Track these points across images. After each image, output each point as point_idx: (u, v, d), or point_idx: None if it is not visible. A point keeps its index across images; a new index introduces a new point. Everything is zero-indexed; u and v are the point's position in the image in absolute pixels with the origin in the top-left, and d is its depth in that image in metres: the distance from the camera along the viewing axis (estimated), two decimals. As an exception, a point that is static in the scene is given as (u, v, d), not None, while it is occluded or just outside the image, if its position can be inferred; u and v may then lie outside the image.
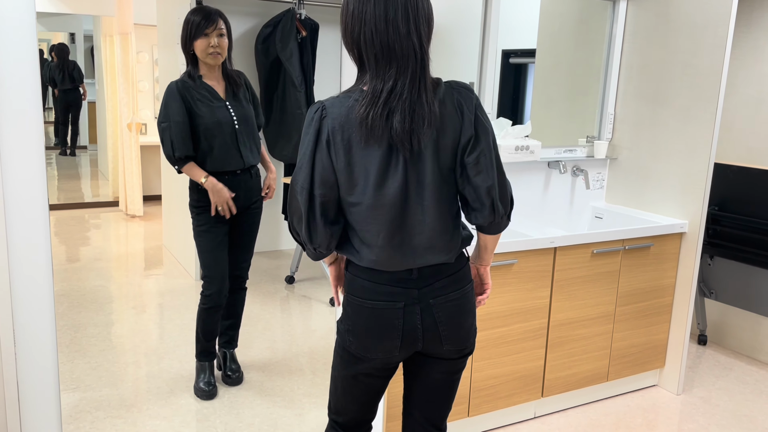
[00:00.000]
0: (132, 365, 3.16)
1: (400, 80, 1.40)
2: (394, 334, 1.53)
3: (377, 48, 1.40)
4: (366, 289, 1.54)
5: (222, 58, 2.68)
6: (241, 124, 2.73)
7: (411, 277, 1.53)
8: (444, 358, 1.63)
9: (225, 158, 2.70)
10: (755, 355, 3.52)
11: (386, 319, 1.53)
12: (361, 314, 1.54)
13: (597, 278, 2.79)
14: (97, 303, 3.97)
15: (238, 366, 3.04)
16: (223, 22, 2.65)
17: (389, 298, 1.53)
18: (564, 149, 3.16)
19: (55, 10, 6.21)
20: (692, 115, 2.94)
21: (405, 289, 1.53)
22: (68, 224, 5.98)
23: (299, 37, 4.55)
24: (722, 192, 3.42)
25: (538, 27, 3.01)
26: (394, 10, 1.39)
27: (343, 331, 1.60)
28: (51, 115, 9.10)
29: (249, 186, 2.81)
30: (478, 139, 1.48)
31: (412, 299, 1.53)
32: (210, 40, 2.62)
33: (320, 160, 1.45)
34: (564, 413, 2.88)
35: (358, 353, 1.58)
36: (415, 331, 1.54)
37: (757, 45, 3.45)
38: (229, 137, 2.69)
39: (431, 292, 1.54)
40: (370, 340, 1.55)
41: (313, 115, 1.45)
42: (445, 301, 1.56)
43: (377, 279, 1.53)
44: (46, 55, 8.77)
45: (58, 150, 9.17)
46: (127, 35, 5.88)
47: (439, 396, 1.69)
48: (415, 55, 1.41)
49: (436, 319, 1.55)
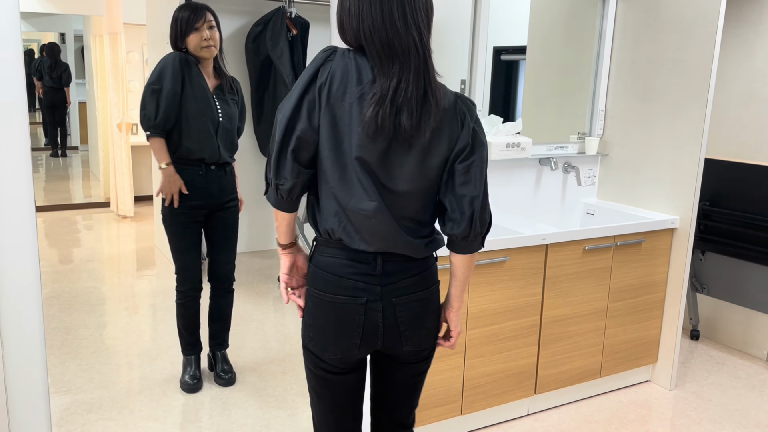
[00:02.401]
0: (124, 367, 3.14)
1: (404, 77, 1.38)
2: (354, 331, 1.50)
3: (377, 45, 1.38)
4: (328, 282, 1.50)
5: (216, 51, 2.67)
6: (225, 119, 2.73)
7: (375, 272, 1.49)
8: (404, 360, 1.61)
9: (202, 146, 2.67)
10: (747, 349, 3.54)
11: (347, 316, 1.50)
12: (322, 308, 1.51)
13: (589, 275, 2.79)
14: (89, 304, 3.95)
15: (230, 367, 3.02)
16: (211, 15, 2.64)
17: (351, 293, 1.49)
18: (555, 146, 3.16)
19: (44, 10, 6.17)
20: (682, 110, 2.94)
21: (368, 285, 1.49)
22: (59, 225, 5.95)
23: (290, 36, 4.54)
24: (713, 187, 3.43)
25: (528, 24, 3.01)
26: (390, 6, 1.37)
27: (303, 327, 1.57)
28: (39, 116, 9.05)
29: (223, 183, 2.79)
30: (473, 149, 1.48)
31: (375, 296, 1.50)
32: (202, 34, 2.60)
33: (309, 97, 1.41)
34: (557, 410, 2.88)
35: (316, 351, 1.55)
36: (376, 330, 1.51)
37: (746, 40, 3.46)
38: (211, 127, 2.68)
39: (395, 290, 1.51)
40: (329, 336, 1.52)
41: (321, 53, 1.43)
42: (409, 301, 1.53)
43: (340, 271, 1.49)
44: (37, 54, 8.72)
45: (48, 151, 9.12)
46: (117, 35, 5.84)
47: (402, 397, 1.68)
48: (417, 50, 1.39)
49: (398, 318, 1.52)
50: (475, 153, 1.48)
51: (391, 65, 1.38)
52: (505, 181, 3.05)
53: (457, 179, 1.48)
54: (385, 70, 1.38)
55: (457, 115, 1.46)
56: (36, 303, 2.08)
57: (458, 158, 1.47)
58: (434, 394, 2.49)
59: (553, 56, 3.12)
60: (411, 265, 1.52)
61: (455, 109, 1.46)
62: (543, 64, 3.09)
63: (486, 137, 1.52)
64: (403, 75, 1.38)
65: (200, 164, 2.71)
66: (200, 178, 2.72)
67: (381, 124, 1.37)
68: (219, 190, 2.78)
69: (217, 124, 2.70)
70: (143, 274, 4.58)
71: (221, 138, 2.73)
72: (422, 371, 1.66)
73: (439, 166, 1.47)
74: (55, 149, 8.94)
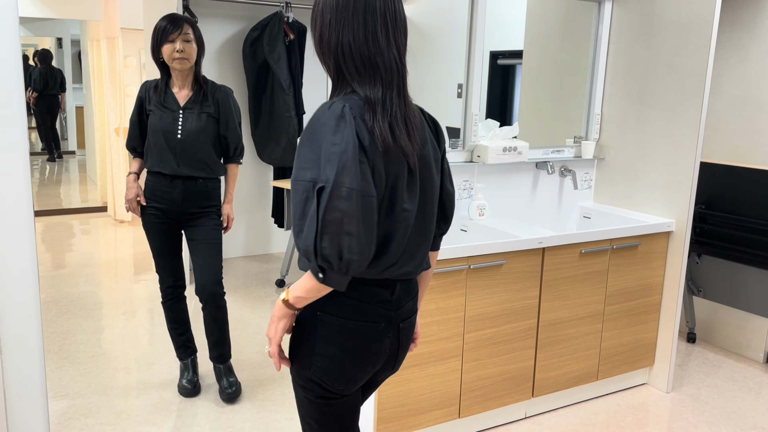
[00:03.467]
0: (122, 371, 3.14)
1: (388, 95, 1.33)
2: (369, 359, 1.44)
3: (357, 62, 1.32)
4: (349, 308, 1.40)
5: (189, 64, 2.67)
6: (185, 135, 2.71)
7: (391, 298, 1.44)
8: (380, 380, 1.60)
9: (161, 161, 2.75)
10: (743, 352, 3.55)
11: (366, 342, 1.42)
12: (339, 335, 1.40)
13: (585, 278, 2.80)
14: (86, 309, 3.95)
15: (235, 379, 2.92)
16: (190, 28, 2.66)
17: (373, 320, 1.42)
18: (552, 150, 3.18)
19: (41, 15, 6.17)
20: (678, 114, 2.96)
21: (386, 310, 1.44)
22: (56, 230, 5.94)
23: (287, 41, 4.55)
24: (709, 191, 3.45)
25: (524, 28, 3.03)
26: (373, 22, 1.31)
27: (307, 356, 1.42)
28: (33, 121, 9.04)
29: (192, 191, 2.77)
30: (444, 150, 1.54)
31: (389, 321, 1.45)
32: (175, 45, 2.63)
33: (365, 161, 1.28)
34: (555, 413, 2.89)
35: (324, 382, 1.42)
36: (382, 355, 1.46)
37: (741, 45, 3.48)
38: (168, 144, 2.71)
39: (401, 315, 1.48)
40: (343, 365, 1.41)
41: (341, 112, 1.27)
42: (408, 325, 1.51)
43: (362, 297, 1.40)
44: (31, 60, 8.72)
45: (45, 156, 9.11)
46: (114, 39, 5.85)
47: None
48: (397, 69, 1.35)
49: (400, 343, 1.49)
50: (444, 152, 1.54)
51: (372, 81, 1.32)
52: (502, 185, 3.06)
53: (445, 178, 1.53)
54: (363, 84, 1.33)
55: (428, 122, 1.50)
56: (35, 308, 2.08)
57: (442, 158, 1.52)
58: (432, 397, 2.49)
59: (550, 60, 3.13)
60: (411, 288, 1.51)
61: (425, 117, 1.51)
62: (539, 68, 3.11)
63: None
64: (387, 92, 1.33)
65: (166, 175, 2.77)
66: (165, 183, 2.76)
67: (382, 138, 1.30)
68: (184, 199, 2.76)
69: (174, 140, 2.71)
70: (140, 278, 4.58)
71: (181, 154, 2.72)
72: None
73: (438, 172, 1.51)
74: (51, 154, 8.93)
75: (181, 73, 2.71)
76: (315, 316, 1.41)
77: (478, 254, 2.46)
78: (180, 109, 2.72)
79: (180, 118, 2.72)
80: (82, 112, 8.19)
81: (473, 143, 2.90)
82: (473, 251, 2.44)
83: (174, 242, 2.87)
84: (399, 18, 1.36)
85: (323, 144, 1.25)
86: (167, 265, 2.88)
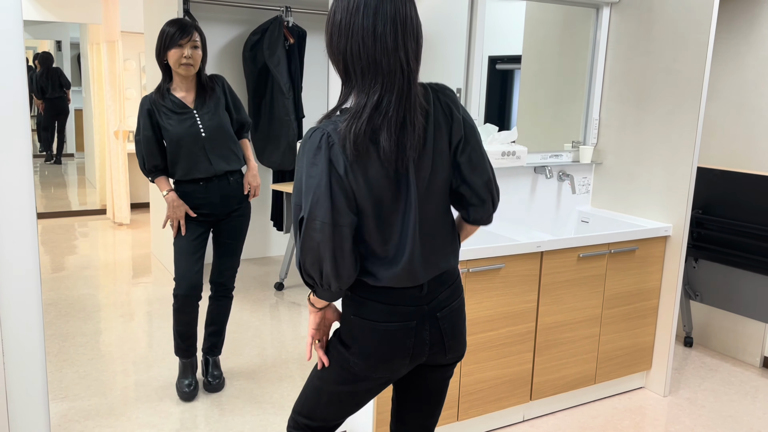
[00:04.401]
0: (121, 374, 3.15)
1: (386, 96, 1.36)
2: (404, 353, 1.50)
3: (363, 62, 1.36)
4: (379, 311, 1.48)
5: (194, 70, 2.71)
6: (209, 133, 2.75)
7: (421, 294, 1.50)
8: (442, 366, 1.63)
9: (193, 167, 2.74)
10: (740, 356, 3.57)
11: (398, 340, 1.49)
12: (372, 337, 1.49)
13: (583, 282, 2.81)
14: (86, 311, 3.95)
15: (220, 372, 3.03)
16: (198, 35, 2.70)
17: (403, 319, 1.49)
18: (550, 154, 3.20)
19: (41, 18, 6.19)
20: (675, 119, 2.98)
21: (417, 307, 1.50)
22: (55, 233, 5.95)
23: (287, 45, 4.57)
24: (706, 195, 3.47)
25: (523, 34, 3.05)
26: (383, 24, 1.35)
27: (345, 353, 1.54)
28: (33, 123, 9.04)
29: (226, 192, 2.83)
30: (467, 139, 1.50)
31: (423, 316, 1.51)
32: (183, 51, 2.65)
33: (339, 190, 1.36)
34: (552, 416, 2.90)
35: (363, 373, 1.53)
36: (423, 347, 1.52)
37: (738, 51, 3.50)
38: (195, 146, 2.73)
39: (438, 304, 1.53)
40: (379, 362, 1.51)
41: (319, 142, 1.36)
42: (449, 312, 1.55)
43: (390, 299, 1.48)
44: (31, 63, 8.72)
45: (43, 158, 9.11)
46: (114, 43, 5.86)
47: (432, 402, 1.70)
48: (402, 71, 1.37)
49: (442, 331, 1.54)
50: (470, 141, 1.51)
51: (373, 83, 1.36)
52: (501, 189, 3.08)
53: (464, 170, 1.51)
54: (365, 87, 1.36)
55: (444, 111, 1.48)
56: (37, 311, 2.09)
57: (456, 151, 1.50)
58: (431, 400, 2.50)
59: (548, 66, 3.15)
60: (446, 277, 1.55)
61: (440, 104, 1.48)
62: (538, 73, 3.13)
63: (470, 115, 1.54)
64: (385, 94, 1.36)
65: (200, 179, 2.78)
66: (201, 190, 2.78)
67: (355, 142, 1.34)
68: (222, 199, 2.82)
69: (201, 141, 2.73)
70: (139, 281, 4.58)
71: (211, 152, 2.76)
72: (452, 373, 1.69)
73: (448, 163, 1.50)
74: (50, 153, 8.92)
75: (186, 78, 2.73)
76: (350, 319, 1.52)
77: (476, 258, 2.48)
78: (193, 110, 2.75)
79: (198, 118, 2.74)
80: (82, 115, 8.19)
81: (472, 148, 2.92)
82: (472, 255, 2.46)
83: (203, 247, 2.86)
84: (409, 22, 1.39)
85: (303, 175, 1.38)
86: (192, 272, 2.80)
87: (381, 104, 1.36)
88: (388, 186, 1.40)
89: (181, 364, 2.98)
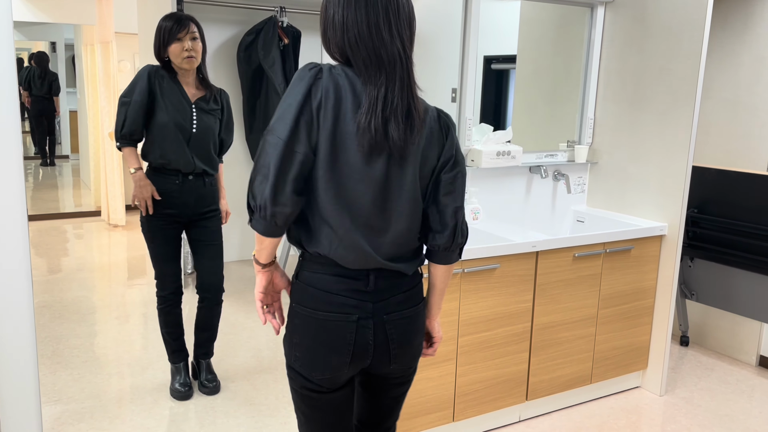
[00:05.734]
0: (115, 376, 3.13)
1: (390, 88, 1.37)
2: (344, 350, 1.46)
3: (364, 54, 1.36)
4: (318, 300, 1.45)
5: (197, 62, 2.68)
6: (199, 130, 2.73)
7: (367, 289, 1.46)
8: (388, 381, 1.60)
9: (174, 157, 2.70)
10: (736, 355, 3.57)
11: (338, 333, 1.45)
12: (311, 326, 1.45)
13: (579, 281, 2.81)
14: (80, 314, 3.93)
15: (214, 375, 3.02)
16: (195, 26, 2.67)
17: (343, 310, 1.44)
18: (545, 154, 3.19)
19: (35, 19, 6.16)
20: (670, 118, 2.98)
21: (360, 301, 1.45)
22: (50, 235, 5.92)
23: (281, 45, 4.56)
24: (701, 194, 3.47)
25: (518, 33, 3.04)
26: (375, 15, 1.35)
27: (288, 346, 1.51)
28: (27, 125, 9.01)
29: (201, 193, 2.80)
30: (457, 162, 1.51)
31: (366, 313, 1.46)
32: (184, 44, 2.62)
33: (306, 118, 1.34)
34: (548, 416, 2.89)
35: (302, 371, 1.49)
36: (367, 348, 1.48)
37: (732, 50, 3.50)
38: (182, 138, 2.70)
39: (385, 307, 1.48)
40: (317, 355, 1.46)
41: (307, 71, 1.37)
42: (399, 318, 1.50)
43: (331, 287, 1.45)
44: (26, 63, 8.69)
45: (38, 160, 9.08)
46: (108, 44, 5.84)
47: (385, 417, 1.69)
48: (401, 61, 1.38)
49: (388, 336, 1.49)
50: (458, 165, 1.51)
51: (378, 75, 1.36)
52: (496, 189, 3.08)
53: (441, 189, 1.50)
54: (372, 79, 1.37)
55: (441, 127, 1.49)
56: (28, 312, 2.07)
57: (444, 168, 1.50)
58: (426, 401, 2.50)
59: (543, 65, 3.15)
60: (401, 282, 1.51)
61: (439, 120, 1.49)
62: (533, 73, 3.13)
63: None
64: (389, 85, 1.37)
65: (177, 174, 2.74)
66: (176, 187, 2.74)
67: (374, 135, 1.35)
68: (196, 200, 2.79)
69: (189, 134, 2.71)
70: (134, 283, 4.57)
71: (194, 148, 2.73)
72: (404, 392, 1.66)
73: (428, 175, 1.49)
74: (44, 158, 8.90)
75: (188, 72, 2.71)
76: (292, 308, 1.50)
77: (472, 258, 2.47)
78: (192, 105, 2.72)
79: (194, 113, 2.72)
80: (76, 116, 8.17)
81: (467, 147, 2.91)
82: (467, 255, 2.45)
83: (178, 247, 2.85)
84: (402, 10, 1.39)
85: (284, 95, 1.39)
86: (170, 270, 2.84)
87: (387, 96, 1.37)
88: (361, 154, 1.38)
89: (174, 368, 2.98)
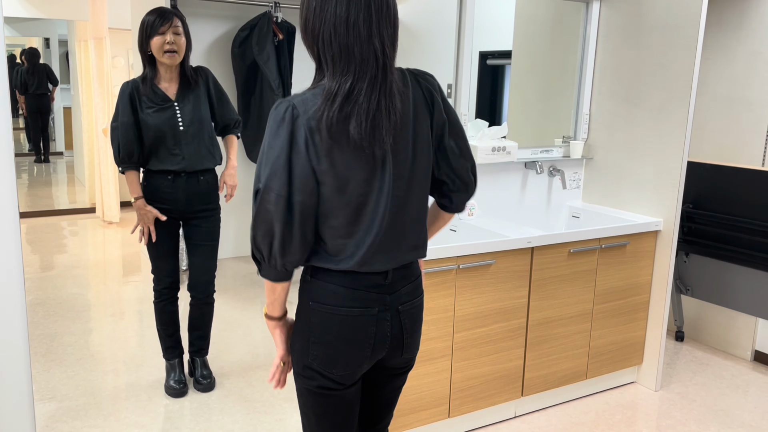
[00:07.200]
0: (110, 374, 3.12)
1: (357, 85, 1.32)
2: (366, 343, 1.45)
3: (335, 50, 1.33)
4: (339, 296, 1.43)
5: (179, 58, 2.65)
6: (187, 127, 2.71)
7: (385, 282, 1.46)
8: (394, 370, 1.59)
9: (165, 159, 2.70)
10: (731, 350, 3.58)
11: (359, 327, 1.44)
12: (332, 322, 1.43)
13: (574, 277, 2.81)
14: (74, 311, 3.92)
15: (209, 372, 3.01)
16: (179, 21, 2.64)
17: (364, 305, 1.44)
18: (540, 150, 3.19)
19: (28, 15, 6.13)
20: (665, 114, 2.98)
21: (378, 294, 1.45)
22: (44, 231, 5.90)
23: (276, 41, 4.54)
24: (696, 190, 3.47)
25: (513, 29, 3.03)
26: (356, 11, 1.32)
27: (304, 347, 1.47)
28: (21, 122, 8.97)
29: (195, 191, 2.78)
30: (453, 124, 1.49)
31: (384, 305, 1.46)
32: (165, 38, 2.60)
33: (298, 165, 1.33)
34: (544, 412, 2.90)
35: (322, 368, 1.46)
36: (385, 340, 1.48)
37: (727, 45, 3.50)
38: (172, 139, 2.68)
39: (399, 297, 1.49)
40: (339, 351, 1.44)
41: (283, 114, 1.34)
42: (411, 308, 1.52)
43: (352, 284, 1.43)
44: (18, 60, 8.64)
45: (32, 157, 9.04)
46: (102, 39, 5.81)
47: (387, 409, 1.70)
48: (376, 60, 1.33)
49: (402, 326, 1.50)
50: (455, 126, 1.50)
51: (345, 70, 1.33)
52: (491, 185, 3.07)
53: (450, 156, 1.50)
54: (336, 74, 1.33)
55: (424, 96, 1.46)
56: (20, 309, 2.06)
57: (442, 136, 1.49)
58: (422, 397, 2.49)
59: (538, 61, 3.14)
60: (409, 272, 1.52)
61: (420, 89, 1.45)
62: (528, 68, 3.12)
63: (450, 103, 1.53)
64: (357, 83, 1.33)
65: (170, 172, 2.73)
66: (168, 184, 2.74)
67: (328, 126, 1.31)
68: (188, 197, 2.77)
69: (178, 134, 2.69)
70: (129, 280, 4.55)
71: (186, 146, 2.71)
72: (403, 383, 1.67)
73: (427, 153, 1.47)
74: (38, 155, 8.86)
75: (170, 67, 2.68)
76: (308, 306, 1.46)
77: (467, 254, 2.47)
78: (174, 102, 2.70)
79: (178, 111, 2.70)
80: (70, 112, 8.13)
81: (462, 143, 2.91)
82: (462, 251, 2.45)
83: (175, 243, 2.84)
84: (385, 8, 1.35)
85: (265, 146, 1.36)
86: (166, 266, 2.84)
87: (352, 93, 1.33)
88: (360, 168, 1.36)
89: (168, 365, 2.97)
